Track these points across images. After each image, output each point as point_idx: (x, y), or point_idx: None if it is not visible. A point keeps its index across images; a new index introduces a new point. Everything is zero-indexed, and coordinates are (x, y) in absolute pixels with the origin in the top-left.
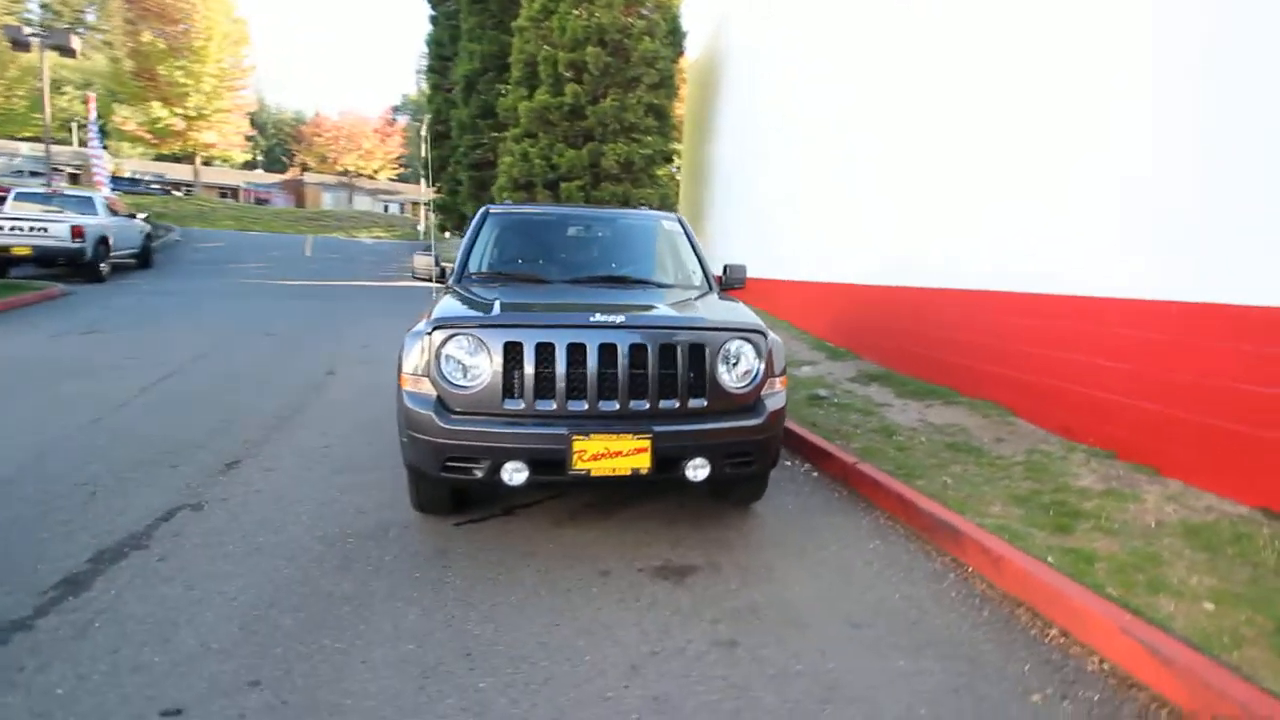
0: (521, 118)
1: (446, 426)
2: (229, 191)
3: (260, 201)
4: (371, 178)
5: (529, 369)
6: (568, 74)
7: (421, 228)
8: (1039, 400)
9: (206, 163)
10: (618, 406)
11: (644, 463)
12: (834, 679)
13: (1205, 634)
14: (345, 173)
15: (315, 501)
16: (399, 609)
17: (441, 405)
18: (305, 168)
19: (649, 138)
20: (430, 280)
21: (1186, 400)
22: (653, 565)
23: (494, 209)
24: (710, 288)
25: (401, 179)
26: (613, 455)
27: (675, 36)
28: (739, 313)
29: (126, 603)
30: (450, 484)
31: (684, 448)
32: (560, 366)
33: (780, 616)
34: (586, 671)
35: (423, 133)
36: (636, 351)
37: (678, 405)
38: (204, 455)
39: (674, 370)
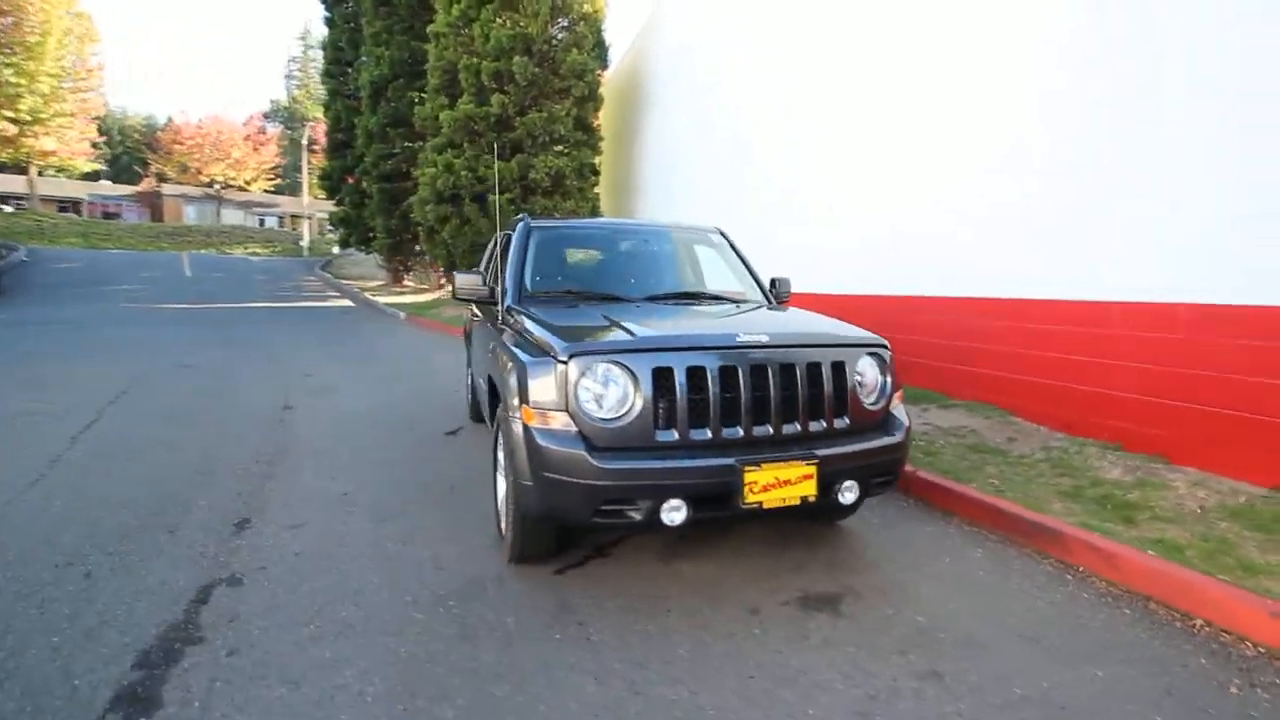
0: (444, 127)
1: (604, 466)
2: (70, 205)
3: (109, 216)
4: (243, 189)
5: (681, 396)
6: (491, 84)
7: (305, 243)
8: (1039, 400)
9: (41, 173)
10: (771, 431)
11: (811, 490)
12: (1058, 699)
13: None
14: (211, 184)
15: (375, 560)
16: (567, 680)
17: (588, 442)
18: (163, 178)
19: (577, 150)
20: (476, 300)
21: (1194, 394)
22: (795, 597)
23: (535, 223)
24: (769, 300)
25: (278, 190)
26: (782, 484)
27: (600, 49)
28: (849, 327)
29: (224, 717)
30: (599, 529)
31: (842, 471)
32: (714, 391)
33: (955, 639)
34: None
35: (303, 141)
36: (786, 371)
37: (825, 426)
38: (199, 515)
39: (818, 389)
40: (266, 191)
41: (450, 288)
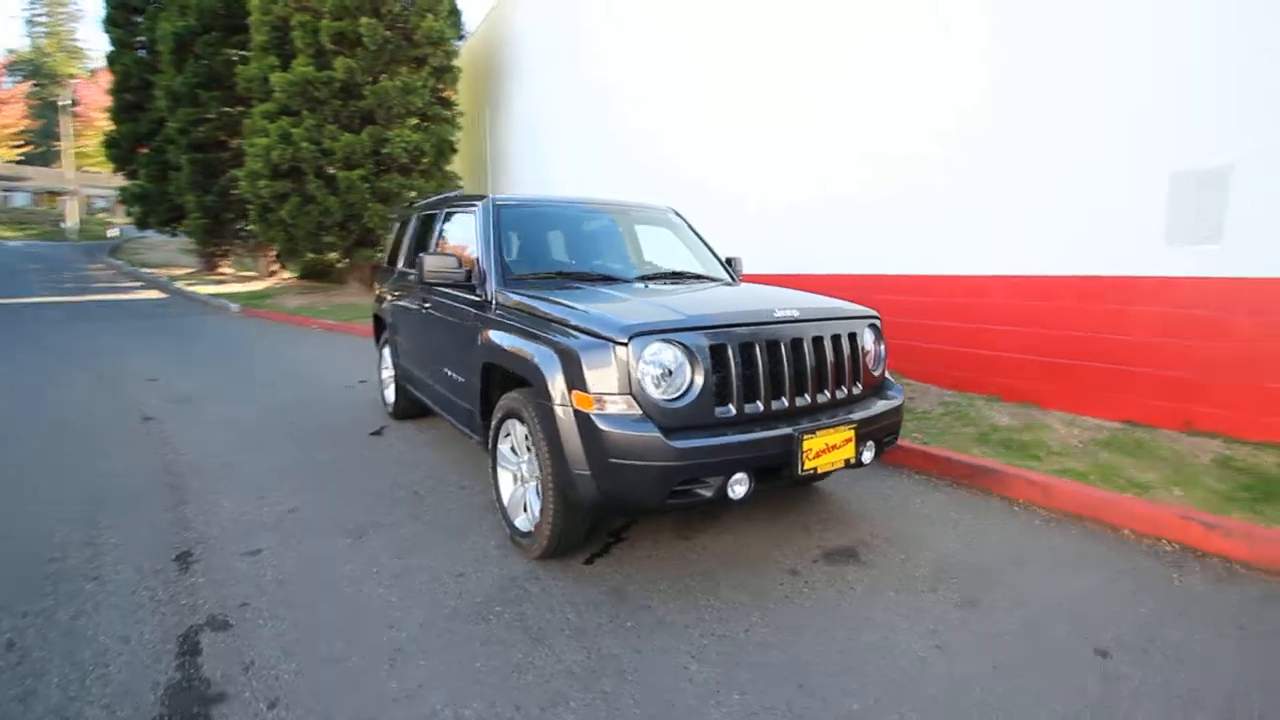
0: (276, 91)
1: (680, 446)
2: None
3: None
4: None
5: (735, 372)
6: (333, 46)
7: (72, 224)
8: (926, 364)
9: None
10: (810, 400)
11: (851, 452)
12: (1067, 605)
13: (1201, 509)
14: None
15: (379, 577)
16: (666, 662)
17: (659, 424)
18: None
19: (436, 125)
20: (448, 285)
21: (1056, 350)
22: (819, 555)
23: (499, 200)
24: (732, 279)
25: (26, 160)
26: (830, 450)
27: (455, 18)
28: (842, 300)
29: None
30: (668, 510)
31: (870, 433)
32: (763, 365)
33: (966, 570)
34: (910, 664)
35: (64, 101)
36: (816, 344)
37: (846, 393)
38: (119, 554)
39: (840, 359)
40: (12, 163)
41: (284, 274)
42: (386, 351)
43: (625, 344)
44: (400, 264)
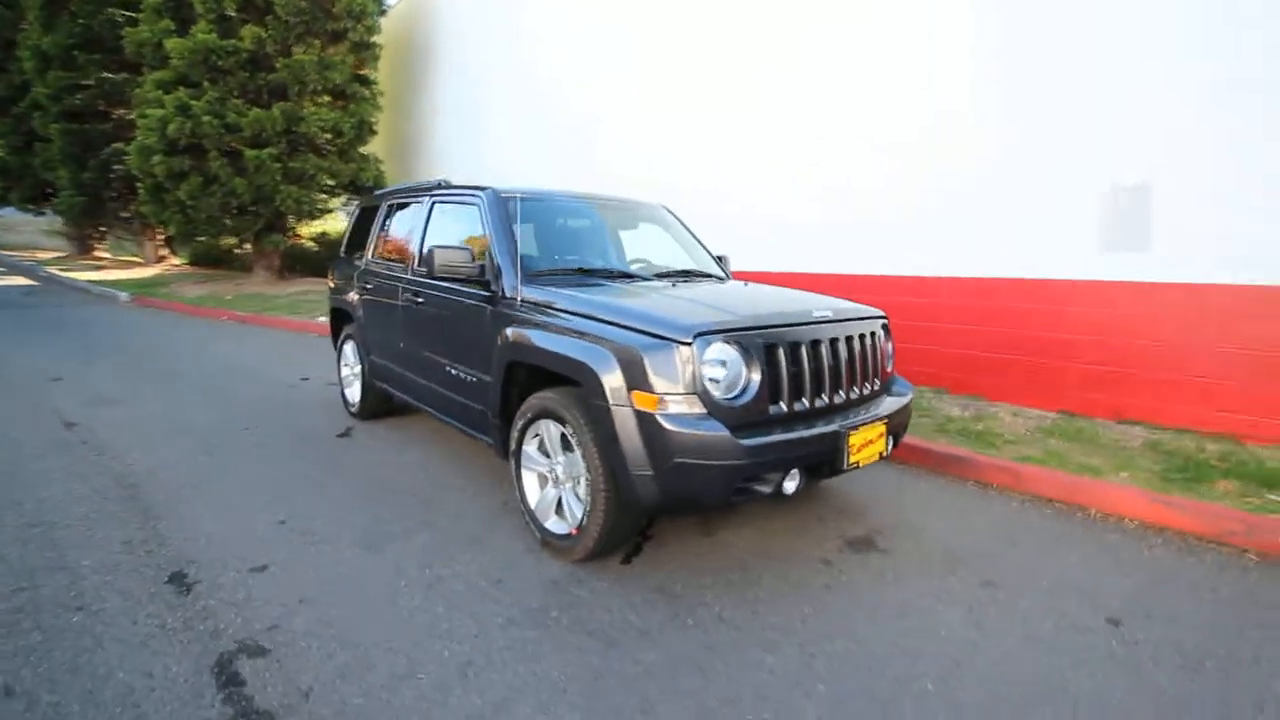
0: (172, 58)
1: (746, 444)
2: None
3: None
4: None
5: (785, 370)
6: (238, 13)
7: None
8: None
9: None
10: (845, 397)
11: (884, 446)
12: (1066, 579)
13: (1147, 488)
14: None
15: (414, 589)
16: (741, 658)
17: (725, 423)
18: None
19: (356, 105)
20: (464, 279)
21: (998, 347)
22: (843, 544)
23: (505, 193)
24: (725, 276)
25: None
26: (868, 444)
27: None
28: (852, 302)
29: None
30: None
31: (894, 427)
32: (807, 364)
33: (972, 553)
34: (961, 642)
35: None
36: (848, 342)
37: (870, 390)
38: (101, 579)
39: (865, 356)
40: None
41: (173, 260)
42: (349, 348)
43: (689, 343)
44: (369, 254)
